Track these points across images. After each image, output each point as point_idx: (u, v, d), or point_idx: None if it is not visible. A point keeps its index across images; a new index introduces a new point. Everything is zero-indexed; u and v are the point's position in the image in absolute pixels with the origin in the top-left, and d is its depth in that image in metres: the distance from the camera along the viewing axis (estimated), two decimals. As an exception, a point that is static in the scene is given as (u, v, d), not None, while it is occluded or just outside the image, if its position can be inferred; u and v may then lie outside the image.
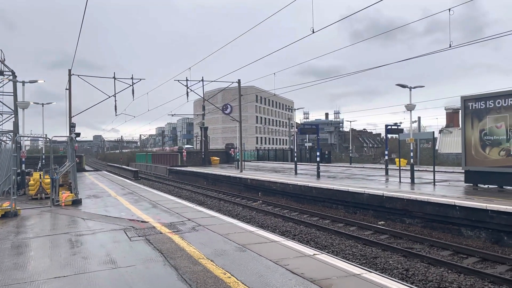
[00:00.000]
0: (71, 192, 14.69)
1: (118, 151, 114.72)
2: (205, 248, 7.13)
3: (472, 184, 16.38)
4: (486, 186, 15.97)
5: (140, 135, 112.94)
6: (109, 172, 45.53)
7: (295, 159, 29.26)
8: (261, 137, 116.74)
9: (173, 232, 8.66)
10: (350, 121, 58.22)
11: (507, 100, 14.67)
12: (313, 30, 14.78)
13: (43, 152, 32.31)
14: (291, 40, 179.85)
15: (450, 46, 14.15)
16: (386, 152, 27.45)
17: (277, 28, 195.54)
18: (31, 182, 15.96)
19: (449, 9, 13.66)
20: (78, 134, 29.27)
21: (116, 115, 30.66)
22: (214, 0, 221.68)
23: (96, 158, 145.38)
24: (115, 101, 29.29)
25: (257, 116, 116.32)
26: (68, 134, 26.01)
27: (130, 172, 44.18)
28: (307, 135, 53.60)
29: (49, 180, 14.51)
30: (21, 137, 20.23)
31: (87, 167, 56.58)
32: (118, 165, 61.29)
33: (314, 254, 6.77)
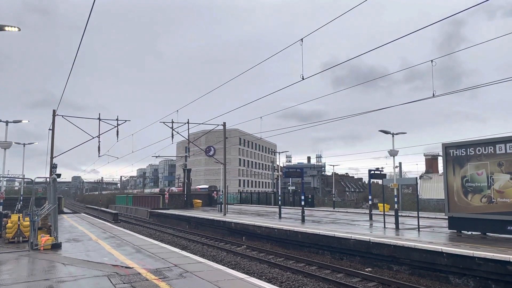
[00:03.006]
0: (50, 236, 14.18)
1: (97, 192, 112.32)
2: (195, 296, 6.91)
3: (456, 231, 16.52)
4: (469, 232, 16.12)
5: (121, 176, 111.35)
6: (88, 214, 44.31)
7: (280, 202, 29.15)
8: (244, 180, 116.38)
9: (160, 279, 8.39)
10: (333, 165, 58.69)
11: (487, 148, 15.16)
12: (302, 76, 15.27)
13: (21, 193, 31.38)
14: (275, 84, 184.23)
15: (433, 95, 14.75)
16: (370, 197, 27.65)
17: (262, 73, 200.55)
18: (9, 224, 15.38)
19: (432, 61, 14.37)
20: (59, 175, 28.66)
21: (99, 156, 30.27)
22: (197, 45, 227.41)
23: (74, 200, 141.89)
24: (99, 142, 29.05)
25: (240, 159, 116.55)
26: (49, 175, 25.46)
27: (110, 214, 43.10)
28: (290, 179, 53.87)
29: (28, 222, 14.03)
30: (2, 178, 19.71)
31: (65, 209, 54.94)
32: (97, 207, 59.81)
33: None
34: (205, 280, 8.27)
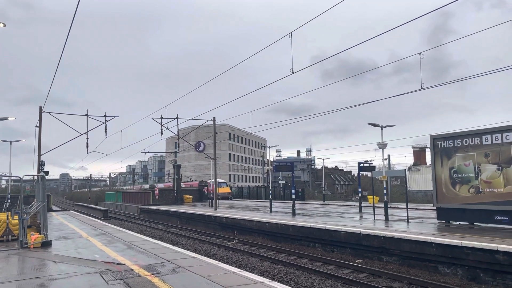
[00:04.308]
0: (40, 234, 14.05)
1: (86, 189, 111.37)
2: (188, 291, 6.93)
3: (444, 221, 16.77)
4: (457, 223, 16.38)
5: (110, 173, 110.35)
6: (77, 211, 43.94)
7: (270, 196, 29.23)
8: (235, 175, 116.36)
9: (153, 274, 8.39)
10: (323, 159, 58.93)
11: (473, 139, 15.38)
12: (292, 70, 15.29)
13: (9, 191, 30.99)
14: (264, 79, 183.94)
15: (421, 88, 14.89)
16: (359, 190, 27.87)
17: (252, 67, 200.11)
18: (-3, 223, 15.18)
19: (420, 53, 14.49)
20: (47, 173, 28.35)
21: (87, 153, 30.02)
22: (186, 40, 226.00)
23: (63, 198, 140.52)
24: (87, 138, 28.78)
25: (230, 154, 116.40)
26: (36, 173, 25.18)
27: (100, 211, 42.80)
28: (280, 173, 53.96)
29: (17, 221, 13.87)
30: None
31: (54, 207, 54.41)
32: (86, 205, 59.31)
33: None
34: (198, 274, 8.29)
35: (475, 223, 15.74)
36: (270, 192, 30.42)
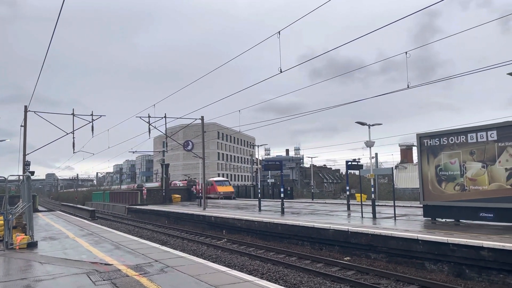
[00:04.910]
0: (26, 234, 13.85)
1: (73, 189, 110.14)
2: (176, 291, 6.90)
3: (430, 218, 16.96)
4: (443, 220, 16.60)
5: (97, 173, 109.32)
6: (64, 212, 43.43)
7: (259, 195, 29.26)
8: (223, 174, 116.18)
9: (141, 274, 8.34)
10: (311, 157, 59.25)
11: (459, 137, 15.59)
12: (280, 69, 15.31)
13: (-7, 191, 30.46)
14: (253, 77, 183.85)
15: (408, 87, 15.04)
16: (347, 188, 28.06)
17: (240, 65, 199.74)
18: (-18, 224, 14.91)
19: (406, 52, 14.63)
20: (32, 173, 27.96)
21: (74, 152, 29.65)
22: (174, 39, 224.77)
23: (49, 198, 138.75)
24: (74, 138, 28.43)
25: (218, 153, 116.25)
26: (22, 173, 24.82)
27: (87, 211, 42.38)
28: (269, 171, 54.04)
29: (1, 222, 13.67)
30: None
31: (40, 207, 53.69)
32: (73, 205, 58.67)
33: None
34: (187, 274, 8.26)
35: (460, 220, 15.96)
36: (259, 190, 30.45)
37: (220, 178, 58.08)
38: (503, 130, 14.29)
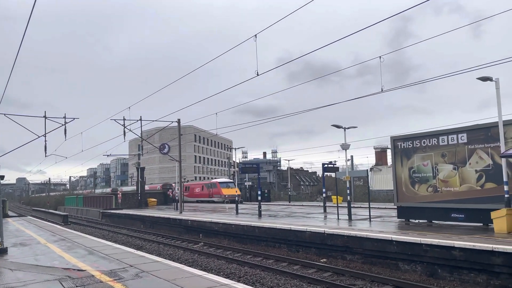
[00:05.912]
0: (-5, 241, 13.39)
1: (45, 194, 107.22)
2: (152, 296, 6.80)
3: (404, 219, 17.32)
4: (417, 221, 16.97)
5: (70, 177, 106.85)
6: (35, 217, 42.19)
7: (237, 198, 29.18)
8: (200, 177, 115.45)
9: (115, 280, 8.18)
10: (288, 160, 59.60)
11: (431, 140, 16.00)
12: (257, 72, 15.36)
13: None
14: (229, 80, 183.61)
15: (382, 90, 15.35)
16: (324, 190, 28.35)
17: (216, 68, 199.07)
18: None
19: (380, 57, 14.92)
20: (2, 177, 27.03)
21: (46, 156, 28.85)
22: (149, 41, 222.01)
23: (19, 203, 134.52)
24: (45, 141, 27.65)
25: (195, 156, 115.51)
26: (-10, 177, 23.96)
27: (59, 216, 41.28)
28: (246, 174, 53.78)
29: (-31, 228, 13.14)
30: None
31: (10, 213, 51.96)
32: (45, 210, 57.09)
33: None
34: (162, 279, 8.16)
35: (433, 221, 16.36)
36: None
37: (225, 179, 50.65)
38: (473, 133, 14.76)
